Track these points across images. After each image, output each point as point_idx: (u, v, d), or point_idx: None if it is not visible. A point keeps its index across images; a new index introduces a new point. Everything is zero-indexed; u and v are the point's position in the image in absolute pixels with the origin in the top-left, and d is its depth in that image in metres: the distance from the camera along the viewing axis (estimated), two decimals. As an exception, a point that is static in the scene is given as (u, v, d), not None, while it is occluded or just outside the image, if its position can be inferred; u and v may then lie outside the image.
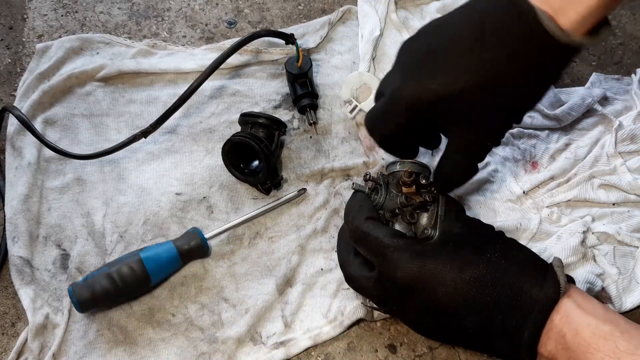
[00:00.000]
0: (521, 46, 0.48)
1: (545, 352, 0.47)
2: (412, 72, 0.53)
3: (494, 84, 0.49)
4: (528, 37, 0.47)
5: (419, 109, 0.52)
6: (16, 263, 0.65)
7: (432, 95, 0.51)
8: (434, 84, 0.50)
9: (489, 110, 0.51)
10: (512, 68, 0.49)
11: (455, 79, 0.50)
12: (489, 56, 0.49)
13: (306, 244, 0.69)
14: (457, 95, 0.50)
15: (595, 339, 0.44)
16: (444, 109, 0.51)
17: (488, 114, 0.52)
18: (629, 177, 0.71)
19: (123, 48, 0.84)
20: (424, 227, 0.58)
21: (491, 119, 0.52)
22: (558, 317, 0.47)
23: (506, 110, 0.52)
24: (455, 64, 0.50)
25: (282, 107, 0.80)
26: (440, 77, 0.50)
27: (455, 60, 0.50)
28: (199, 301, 0.65)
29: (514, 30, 0.47)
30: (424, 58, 0.52)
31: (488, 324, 0.49)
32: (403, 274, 0.51)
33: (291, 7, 0.92)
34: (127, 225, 0.69)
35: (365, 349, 0.63)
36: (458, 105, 0.51)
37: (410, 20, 0.90)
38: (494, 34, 0.48)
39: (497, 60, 0.48)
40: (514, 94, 0.51)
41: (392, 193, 0.60)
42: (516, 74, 0.49)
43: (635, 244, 0.68)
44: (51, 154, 0.73)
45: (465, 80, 0.49)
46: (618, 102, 0.80)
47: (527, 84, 0.50)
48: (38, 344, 0.61)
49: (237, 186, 0.73)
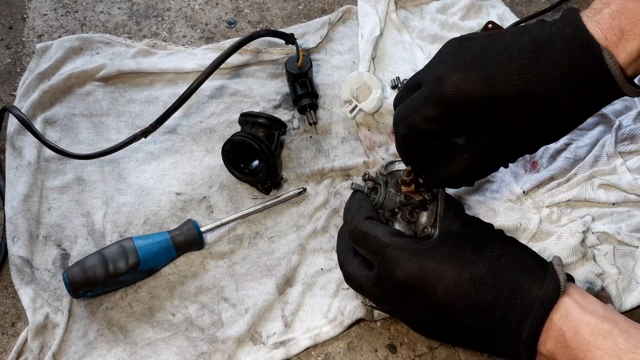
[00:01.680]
0: (579, 75, 0.48)
1: (545, 350, 0.47)
2: (461, 67, 0.51)
3: (539, 101, 0.49)
4: (588, 69, 0.47)
5: (458, 105, 0.51)
6: (16, 263, 0.65)
7: (477, 93, 0.50)
8: (481, 83, 0.50)
9: (523, 126, 0.51)
10: (563, 92, 0.49)
11: (505, 84, 0.49)
12: (544, 74, 0.48)
13: (306, 243, 0.69)
14: (502, 100, 0.49)
15: (594, 338, 0.44)
16: (482, 110, 0.51)
17: (521, 128, 0.51)
18: (629, 177, 0.71)
19: (123, 48, 0.84)
20: (423, 225, 0.58)
21: (520, 134, 0.52)
22: (558, 315, 0.47)
23: (538, 131, 0.52)
24: (509, 71, 0.49)
25: (282, 107, 0.80)
26: (490, 77, 0.50)
27: (509, 66, 0.49)
28: (199, 301, 0.65)
29: (574, 59, 0.47)
30: (477, 57, 0.51)
31: (488, 322, 0.49)
32: (402, 273, 0.51)
33: (291, 7, 0.92)
34: (127, 225, 0.69)
35: (365, 349, 0.63)
36: (497, 111, 0.50)
37: (410, 20, 0.90)
38: (553, 54, 0.48)
39: (551, 81, 0.48)
40: (553, 117, 0.51)
41: (391, 192, 0.60)
42: (565, 99, 0.49)
43: (635, 244, 0.68)
44: (51, 153, 0.73)
45: (515, 88, 0.49)
46: (618, 102, 0.80)
47: (569, 111, 0.50)
48: (38, 343, 0.61)
49: (237, 186, 0.73)
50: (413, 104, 0.54)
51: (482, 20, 0.89)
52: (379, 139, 0.77)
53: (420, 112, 0.53)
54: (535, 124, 0.51)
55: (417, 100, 0.54)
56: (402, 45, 0.87)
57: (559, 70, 0.48)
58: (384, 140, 0.77)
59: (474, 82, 0.50)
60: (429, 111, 0.52)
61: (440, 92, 0.51)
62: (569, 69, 0.48)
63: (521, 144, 0.54)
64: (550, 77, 0.48)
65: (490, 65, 0.50)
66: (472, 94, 0.50)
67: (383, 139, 0.77)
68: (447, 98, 0.51)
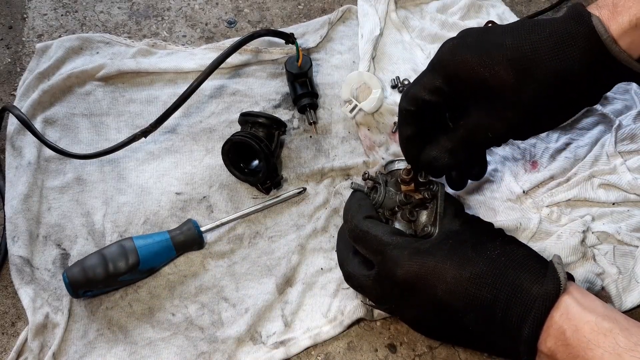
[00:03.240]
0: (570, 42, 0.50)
1: (545, 348, 0.47)
2: (458, 39, 0.55)
3: (531, 66, 0.51)
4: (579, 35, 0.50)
5: (456, 69, 0.53)
6: (16, 262, 0.65)
7: (473, 57, 0.52)
8: (476, 47, 0.52)
9: (516, 97, 0.52)
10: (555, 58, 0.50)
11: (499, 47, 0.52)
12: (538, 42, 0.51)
13: (306, 243, 0.69)
14: (497, 64, 0.51)
15: (595, 336, 0.44)
16: (478, 79, 0.52)
17: (514, 100, 0.53)
18: (629, 176, 0.71)
19: (123, 47, 0.84)
20: (423, 224, 0.58)
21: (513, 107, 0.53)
22: (558, 313, 0.47)
23: (538, 111, 0.53)
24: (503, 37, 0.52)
25: (282, 106, 0.80)
26: (484, 42, 0.52)
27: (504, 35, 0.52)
28: (199, 301, 0.65)
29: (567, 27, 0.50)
30: (473, 36, 0.54)
31: (488, 321, 0.49)
32: (403, 272, 0.52)
33: (291, 7, 0.92)
34: (127, 225, 0.69)
35: (365, 349, 0.63)
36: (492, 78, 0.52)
37: (410, 20, 0.90)
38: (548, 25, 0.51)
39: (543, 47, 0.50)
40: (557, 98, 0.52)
41: (390, 191, 0.60)
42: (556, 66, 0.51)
43: (635, 244, 0.68)
44: (51, 153, 0.73)
45: (509, 51, 0.51)
46: (618, 102, 0.80)
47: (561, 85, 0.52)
48: (38, 343, 0.61)
49: (237, 186, 0.73)
50: (417, 79, 0.57)
51: (482, 19, 0.89)
52: (379, 138, 0.77)
53: (422, 82, 0.56)
54: (527, 95, 0.52)
55: (420, 75, 0.57)
56: (402, 45, 0.87)
57: (552, 37, 0.50)
58: (384, 140, 0.77)
59: (470, 47, 0.53)
60: (430, 79, 0.55)
61: (438, 59, 0.55)
62: (561, 36, 0.50)
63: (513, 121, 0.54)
64: (543, 45, 0.50)
65: (486, 37, 0.53)
66: (469, 58, 0.52)
67: (383, 139, 0.77)
68: (446, 61, 0.54)
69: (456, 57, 0.53)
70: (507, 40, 0.52)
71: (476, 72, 0.52)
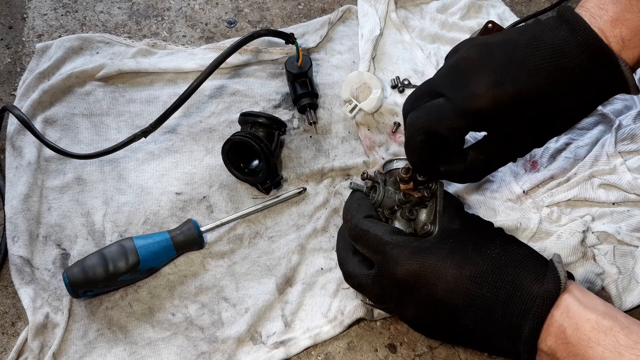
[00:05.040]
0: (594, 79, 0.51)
1: (545, 347, 0.47)
2: (495, 82, 0.52)
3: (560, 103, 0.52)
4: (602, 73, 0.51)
5: (493, 117, 0.53)
6: (16, 262, 0.65)
7: (510, 104, 0.52)
8: (514, 95, 0.52)
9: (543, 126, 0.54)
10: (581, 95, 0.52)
11: (534, 92, 0.51)
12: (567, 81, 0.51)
13: (306, 243, 0.69)
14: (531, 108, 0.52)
15: (595, 334, 0.44)
16: (510, 117, 0.53)
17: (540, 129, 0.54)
18: (629, 176, 0.71)
19: (123, 47, 0.84)
20: (423, 222, 0.58)
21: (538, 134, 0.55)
22: (558, 312, 0.47)
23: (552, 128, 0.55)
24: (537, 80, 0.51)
25: (282, 106, 0.80)
26: (522, 89, 0.51)
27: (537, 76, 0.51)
28: (199, 301, 0.65)
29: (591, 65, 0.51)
30: (504, 67, 0.52)
31: (488, 320, 0.49)
32: (403, 271, 0.52)
33: (291, 7, 0.92)
34: (127, 225, 0.69)
35: (365, 349, 0.63)
36: (522, 116, 0.53)
37: (410, 20, 0.90)
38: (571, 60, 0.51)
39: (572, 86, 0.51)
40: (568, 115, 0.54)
41: (390, 191, 0.60)
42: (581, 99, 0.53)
43: (635, 244, 0.68)
44: (51, 153, 0.73)
45: (543, 96, 0.51)
46: (618, 102, 0.80)
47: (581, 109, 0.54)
48: (38, 343, 0.61)
49: (237, 186, 0.73)
50: (438, 113, 0.54)
51: (482, 19, 0.89)
52: (379, 138, 0.77)
53: (446, 122, 0.54)
54: (553, 124, 0.54)
55: (443, 111, 0.54)
56: (402, 45, 0.87)
57: (577, 74, 0.51)
58: (383, 139, 0.77)
59: (509, 94, 0.52)
60: (459, 123, 0.53)
61: (476, 107, 0.52)
62: (585, 74, 0.51)
63: (535, 142, 0.57)
64: (572, 82, 0.51)
65: (519, 75, 0.52)
66: (507, 105, 0.52)
67: (383, 139, 0.77)
68: (484, 111, 0.52)
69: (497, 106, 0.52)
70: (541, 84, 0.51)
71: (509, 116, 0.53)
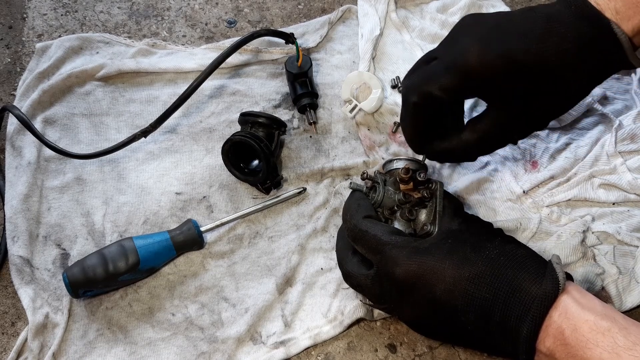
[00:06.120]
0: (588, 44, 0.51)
1: (544, 348, 0.47)
2: (482, 39, 0.53)
3: (554, 70, 0.51)
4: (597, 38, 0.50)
5: (480, 74, 0.52)
6: (16, 262, 0.65)
7: (499, 62, 0.51)
8: (503, 53, 0.51)
9: (538, 96, 0.53)
10: (575, 61, 0.51)
11: (525, 53, 0.51)
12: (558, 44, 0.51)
13: (306, 243, 0.69)
14: (521, 69, 0.51)
15: (593, 335, 0.44)
16: (501, 80, 0.52)
17: (536, 99, 0.53)
18: (629, 176, 0.71)
19: (123, 47, 0.84)
20: (423, 223, 0.58)
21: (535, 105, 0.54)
22: (557, 313, 0.47)
23: (550, 101, 0.54)
24: (527, 42, 0.51)
25: (282, 106, 0.80)
26: (511, 48, 0.51)
27: (527, 38, 0.51)
28: (199, 301, 0.65)
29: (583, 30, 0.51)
30: (494, 30, 0.53)
31: (486, 320, 0.49)
32: (402, 271, 0.52)
33: (291, 7, 0.92)
34: (127, 225, 0.69)
35: (365, 349, 0.63)
36: (515, 81, 0.52)
37: (410, 20, 0.90)
38: (563, 26, 0.51)
39: (564, 51, 0.51)
40: (565, 86, 0.53)
41: (389, 191, 0.60)
42: (576, 67, 0.52)
43: (635, 244, 0.68)
44: (51, 153, 0.73)
45: (534, 57, 0.51)
46: (618, 102, 0.80)
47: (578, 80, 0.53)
48: (38, 343, 0.61)
49: (237, 186, 0.73)
50: (429, 72, 0.55)
51: (482, 19, 0.89)
52: (379, 138, 0.77)
53: (438, 81, 0.54)
54: (549, 94, 0.53)
55: (434, 69, 0.55)
56: (402, 45, 0.87)
57: (570, 41, 0.50)
58: (384, 139, 0.77)
59: (496, 52, 0.52)
60: (449, 80, 0.54)
61: (463, 62, 0.53)
62: (579, 39, 0.50)
63: (534, 116, 0.56)
64: (563, 47, 0.51)
65: (509, 37, 0.52)
66: (495, 63, 0.52)
67: (383, 139, 0.77)
68: (471, 67, 0.52)
69: (483, 62, 0.52)
70: (532, 45, 0.51)
71: (500, 78, 0.52)
